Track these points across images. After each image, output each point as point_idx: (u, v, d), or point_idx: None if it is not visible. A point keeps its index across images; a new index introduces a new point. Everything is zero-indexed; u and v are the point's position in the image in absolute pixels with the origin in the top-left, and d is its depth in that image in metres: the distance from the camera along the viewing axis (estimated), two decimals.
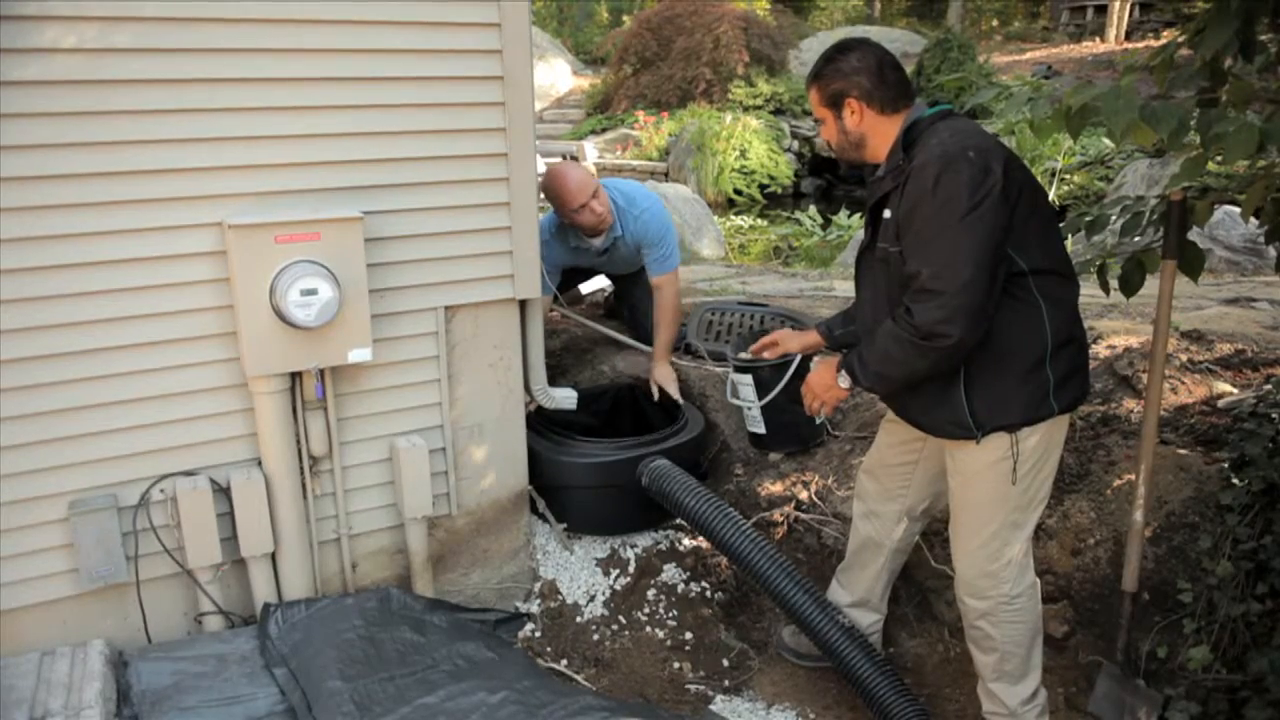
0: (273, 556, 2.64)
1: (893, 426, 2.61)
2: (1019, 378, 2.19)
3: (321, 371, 2.57)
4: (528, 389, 3.13)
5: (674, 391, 3.61)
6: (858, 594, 2.82)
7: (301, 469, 2.65)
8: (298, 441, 2.63)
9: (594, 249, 3.68)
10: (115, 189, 2.31)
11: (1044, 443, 2.27)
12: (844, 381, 2.40)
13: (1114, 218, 2.61)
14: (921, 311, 2.08)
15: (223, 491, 2.55)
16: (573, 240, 3.66)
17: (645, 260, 3.70)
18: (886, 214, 2.22)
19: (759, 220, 10.60)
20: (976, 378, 2.21)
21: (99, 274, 2.33)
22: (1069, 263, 2.28)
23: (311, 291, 2.39)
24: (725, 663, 3.03)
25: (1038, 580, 2.46)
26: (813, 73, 2.33)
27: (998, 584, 2.37)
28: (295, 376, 2.58)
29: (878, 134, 2.26)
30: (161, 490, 2.50)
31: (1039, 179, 9.18)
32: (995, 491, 2.30)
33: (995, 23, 20.90)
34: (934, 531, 2.98)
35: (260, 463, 2.60)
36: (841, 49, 2.29)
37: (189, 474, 2.52)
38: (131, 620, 2.53)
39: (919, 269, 2.10)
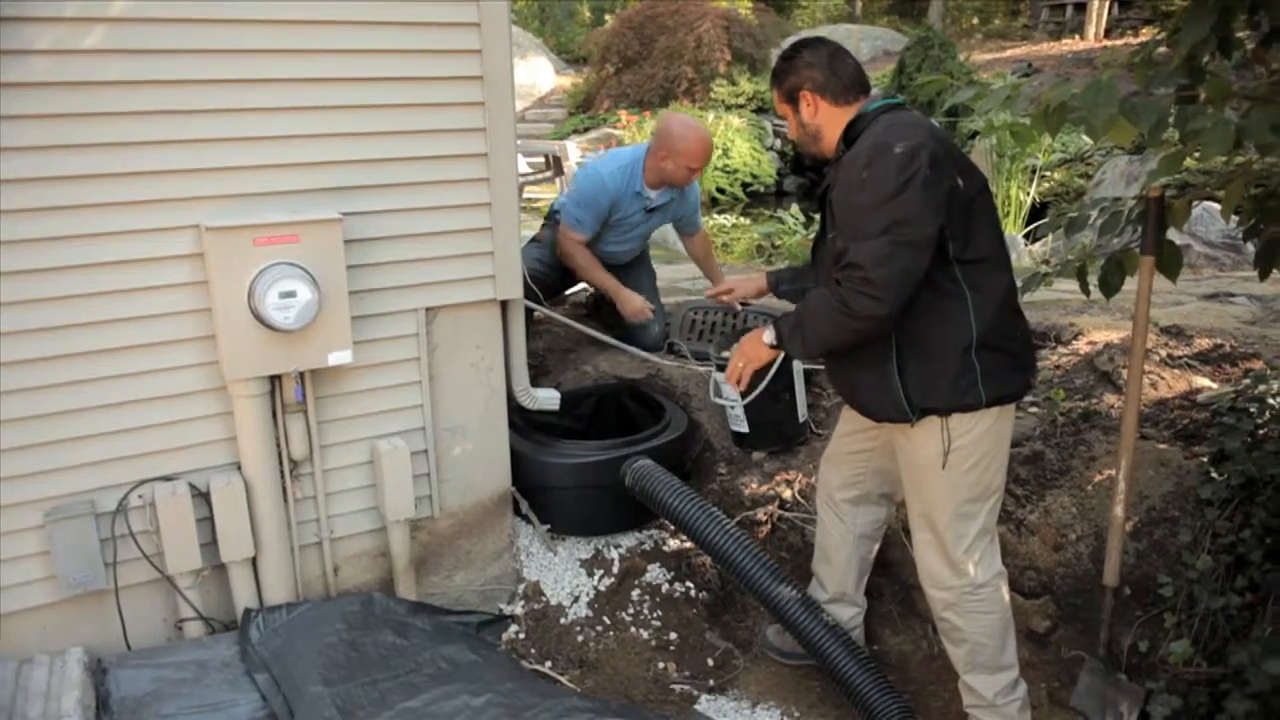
0: (253, 561, 2.62)
1: (849, 414, 2.65)
2: (943, 362, 2.26)
3: (301, 374, 2.55)
4: (510, 390, 3.12)
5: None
6: (833, 588, 2.83)
7: (282, 473, 2.63)
8: (278, 445, 2.61)
9: (648, 201, 3.94)
10: (90, 192, 2.28)
11: (986, 436, 2.31)
12: (769, 337, 2.45)
13: (1093, 217, 2.62)
14: (846, 284, 2.17)
15: (202, 496, 2.52)
16: (636, 184, 3.89)
17: (687, 227, 4.26)
18: (831, 204, 2.32)
19: (742, 219, 10.59)
20: (907, 361, 2.29)
21: (74, 278, 2.30)
22: (1003, 252, 2.35)
23: (290, 294, 2.37)
24: (710, 662, 3.03)
25: (1005, 571, 2.48)
26: (772, 72, 2.46)
27: (958, 574, 2.41)
28: (275, 379, 2.55)
29: (833, 126, 2.37)
30: (140, 496, 2.47)
31: (1020, 176, 9.16)
32: (941, 482, 2.35)
33: (976, 21, 20.96)
34: None
35: (240, 467, 2.57)
36: (796, 46, 2.43)
37: (168, 479, 2.50)
38: (110, 627, 2.50)
39: (846, 246, 2.20)
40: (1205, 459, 2.77)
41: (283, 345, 2.45)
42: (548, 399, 3.29)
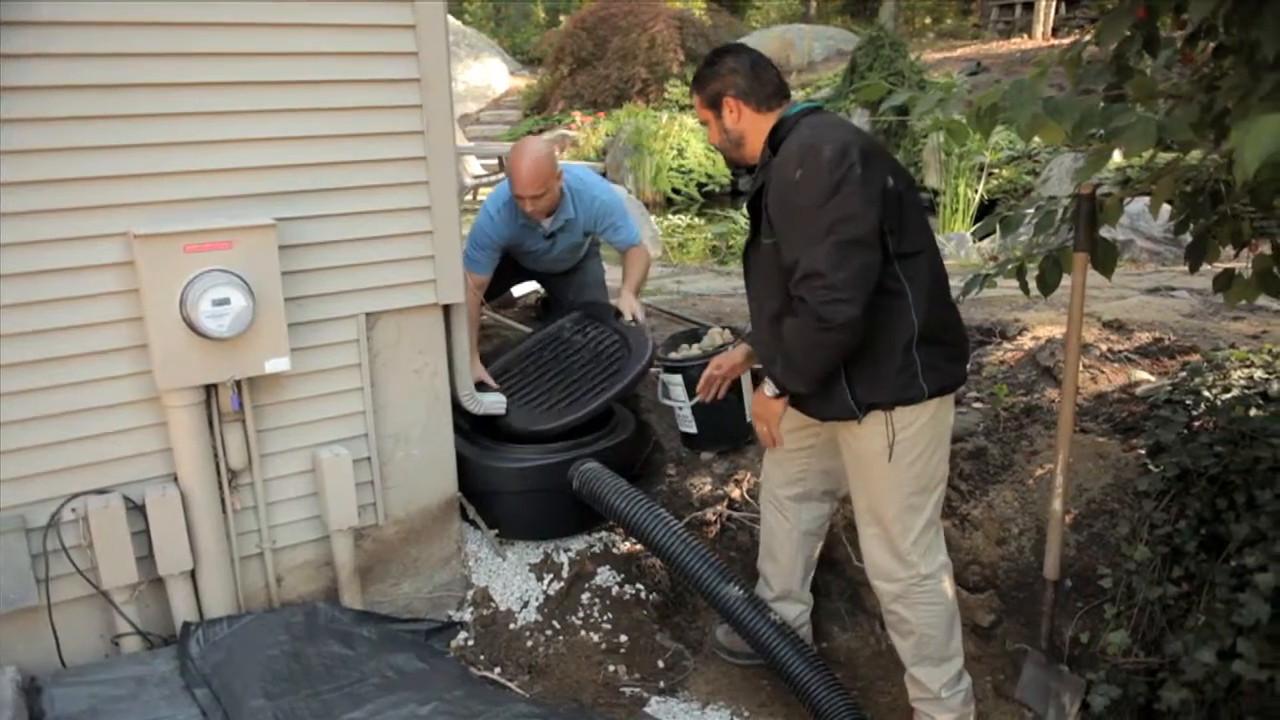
0: (192, 574, 2.57)
1: (791, 411, 2.65)
2: (887, 359, 2.28)
3: (238, 383, 2.51)
4: (454, 394, 3.09)
5: (641, 316, 3.65)
6: (779, 586, 2.84)
7: (220, 483, 2.59)
8: (215, 455, 2.56)
9: (542, 229, 3.64)
10: (15, 200, 2.23)
11: (928, 428, 2.35)
12: (769, 390, 2.43)
13: (1030, 216, 2.65)
14: (811, 297, 2.16)
15: (137, 509, 2.47)
16: (521, 217, 3.56)
17: (610, 238, 3.79)
18: (762, 208, 2.32)
19: (697, 219, 10.63)
20: (853, 361, 2.29)
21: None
22: (934, 243, 2.39)
23: (224, 301, 2.33)
24: (660, 664, 3.02)
25: (949, 563, 2.52)
26: (693, 79, 2.46)
27: (905, 566, 2.43)
28: (211, 388, 2.51)
29: (756, 131, 2.39)
30: (73, 510, 2.42)
31: (967, 174, 9.24)
32: (887, 475, 2.37)
33: (928, 20, 21.17)
34: None
35: (176, 478, 2.53)
36: (717, 54, 2.45)
37: (101, 492, 2.45)
38: (44, 644, 2.45)
39: (796, 257, 2.20)
40: (1143, 451, 2.81)
41: (217, 353, 2.41)
42: (493, 403, 3.27)
